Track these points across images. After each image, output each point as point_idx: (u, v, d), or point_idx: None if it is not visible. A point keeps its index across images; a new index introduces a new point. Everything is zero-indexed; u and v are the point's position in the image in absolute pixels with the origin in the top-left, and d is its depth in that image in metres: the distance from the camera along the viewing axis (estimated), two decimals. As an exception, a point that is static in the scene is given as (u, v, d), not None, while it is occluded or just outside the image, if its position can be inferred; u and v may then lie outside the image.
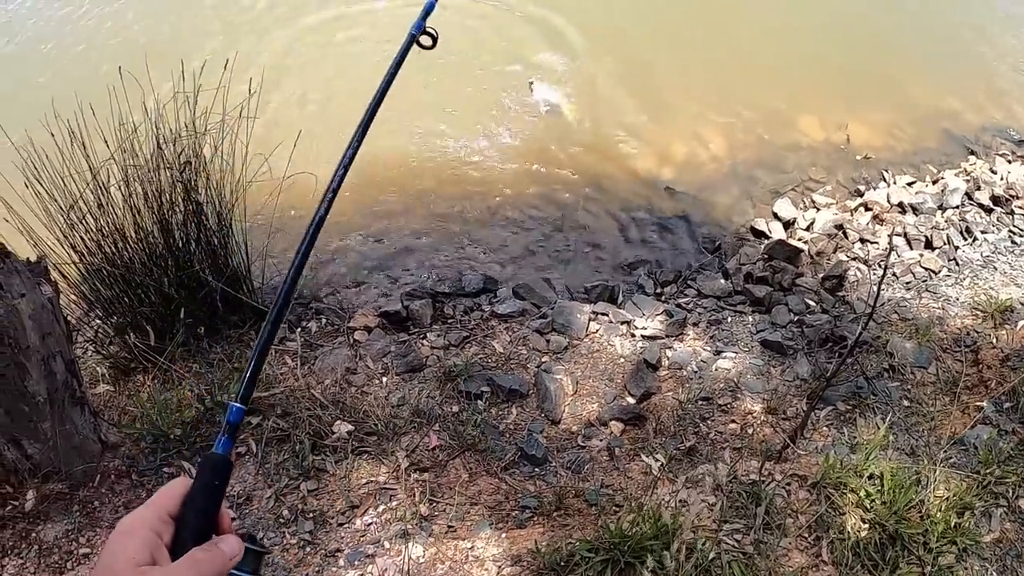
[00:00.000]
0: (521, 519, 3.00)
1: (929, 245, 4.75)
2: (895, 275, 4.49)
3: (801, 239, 4.93)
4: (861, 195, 5.36)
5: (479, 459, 3.24)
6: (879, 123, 6.02)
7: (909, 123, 6.04)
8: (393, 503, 3.01)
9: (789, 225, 5.13)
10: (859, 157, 5.72)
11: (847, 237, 4.89)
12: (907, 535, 2.91)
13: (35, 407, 2.53)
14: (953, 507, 3.00)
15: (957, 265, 4.59)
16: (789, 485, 3.15)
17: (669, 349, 3.93)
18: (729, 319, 4.22)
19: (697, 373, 3.78)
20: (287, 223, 4.37)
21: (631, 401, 3.62)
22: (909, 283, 4.44)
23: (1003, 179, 5.34)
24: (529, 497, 3.08)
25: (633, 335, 4.01)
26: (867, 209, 5.16)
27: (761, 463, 3.19)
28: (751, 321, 4.20)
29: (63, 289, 3.10)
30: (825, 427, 3.47)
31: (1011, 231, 4.87)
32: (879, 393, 3.63)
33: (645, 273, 4.74)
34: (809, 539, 2.97)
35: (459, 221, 5.04)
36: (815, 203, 5.34)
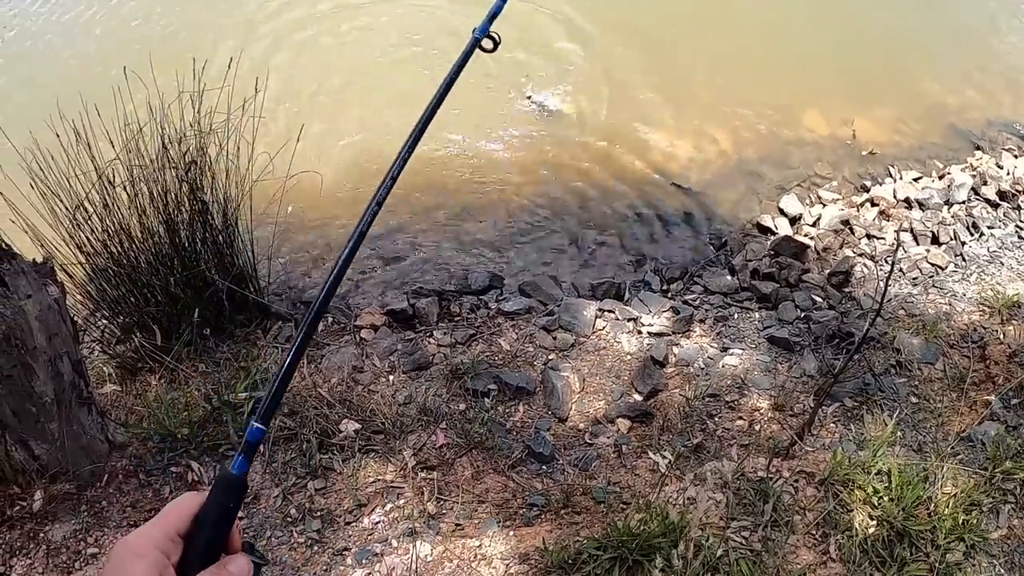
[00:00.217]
0: (529, 517, 2.99)
1: (936, 241, 4.74)
2: (902, 271, 4.48)
3: (807, 235, 4.92)
4: (867, 191, 5.34)
5: (486, 457, 3.23)
6: (885, 118, 6.00)
7: (915, 118, 6.02)
8: (400, 501, 3.01)
9: (795, 221, 5.12)
10: (865, 153, 5.70)
11: (853, 233, 4.88)
12: (915, 532, 2.90)
13: (42, 408, 2.53)
14: (961, 504, 2.99)
15: (964, 261, 4.57)
16: (797, 482, 3.14)
17: (676, 346, 3.92)
18: (736, 316, 4.22)
19: (704, 370, 3.77)
20: (293, 221, 4.37)
21: (638, 398, 3.61)
22: (916, 279, 4.43)
23: (1010, 174, 5.32)
24: (536, 495, 3.07)
25: (640, 332, 4.00)
26: (873, 205, 5.15)
27: (769, 460, 3.19)
28: (758, 317, 4.19)
29: (69, 289, 3.11)
30: (832, 423, 3.47)
31: (1018, 226, 4.85)
32: (886, 389, 3.62)
33: (651, 270, 4.73)
34: (817, 536, 2.96)
35: (465, 219, 5.04)
36: (821, 199, 5.33)
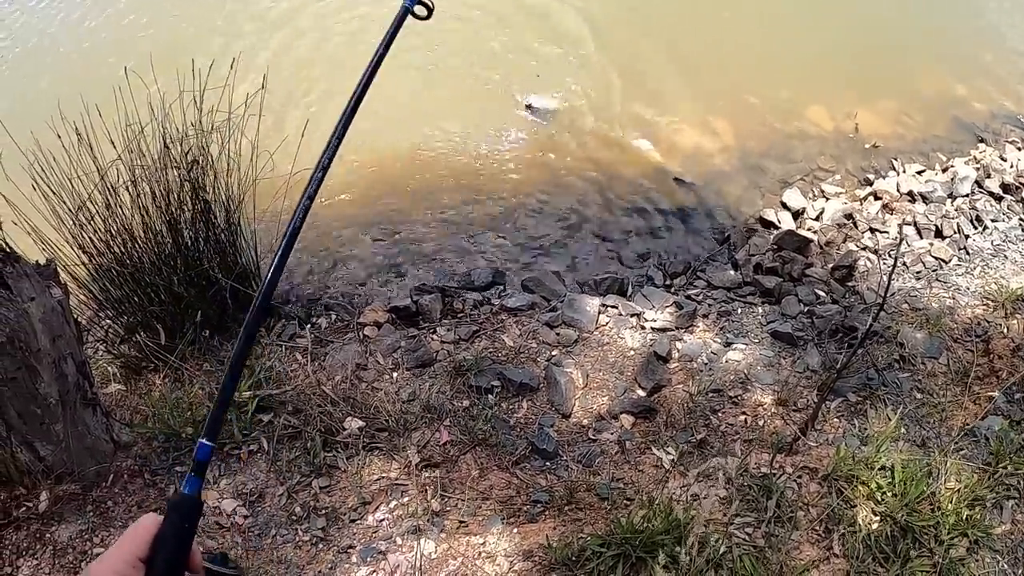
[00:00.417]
0: (532, 514, 3.00)
1: (939, 234, 4.73)
2: (905, 264, 4.46)
3: (810, 229, 4.91)
4: (870, 184, 5.33)
5: (490, 454, 3.24)
6: (888, 111, 5.98)
7: (918, 110, 6.00)
8: (405, 499, 3.02)
9: (798, 215, 5.11)
10: (868, 146, 5.68)
11: (857, 227, 4.87)
12: (918, 527, 2.91)
13: (47, 409, 2.54)
14: (964, 499, 2.99)
15: (967, 254, 4.56)
16: (800, 478, 3.14)
17: (679, 341, 3.92)
18: (739, 310, 4.21)
19: (707, 365, 3.77)
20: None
21: (641, 394, 3.61)
22: (919, 272, 4.42)
23: (1013, 167, 5.30)
24: (540, 492, 3.08)
25: (643, 327, 4.00)
26: (876, 198, 5.13)
27: (772, 456, 3.19)
28: (761, 312, 4.18)
29: (73, 290, 3.11)
30: (836, 418, 3.47)
31: (1021, 219, 4.84)
32: (890, 384, 3.62)
33: (654, 265, 4.73)
34: (820, 532, 2.97)
35: (467, 215, 5.03)
36: (824, 192, 5.32)
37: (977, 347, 3.82)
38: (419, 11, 1.24)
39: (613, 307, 4.11)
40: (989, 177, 5.17)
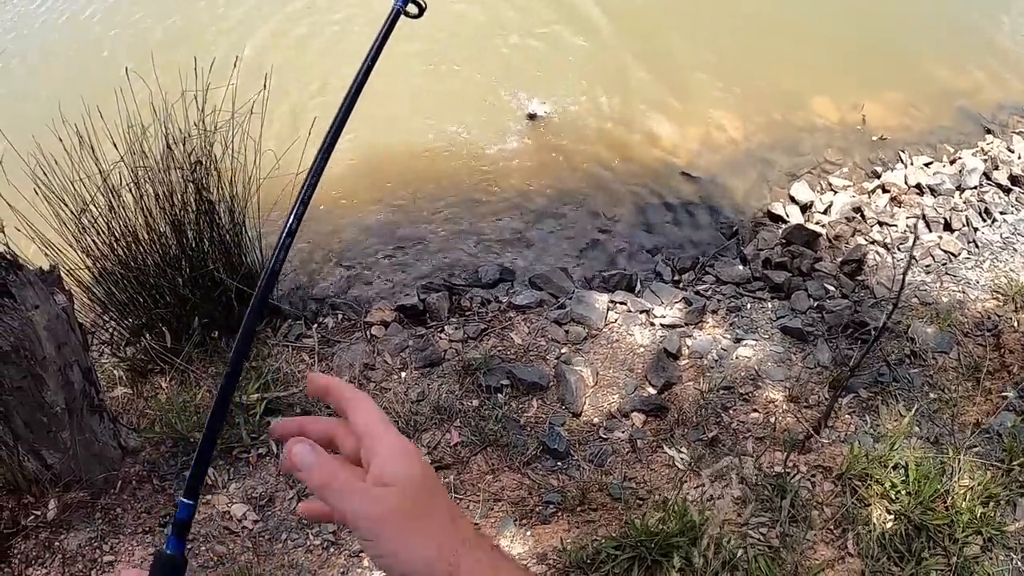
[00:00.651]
0: (545, 515, 2.98)
1: (948, 227, 4.69)
2: (915, 258, 4.43)
3: (819, 223, 4.87)
4: (878, 176, 5.28)
5: (501, 454, 3.22)
6: (895, 102, 5.93)
7: (925, 102, 5.94)
8: (416, 502, 2.99)
9: (806, 209, 5.06)
10: (875, 138, 5.63)
11: (865, 220, 4.83)
12: (932, 526, 2.89)
13: (53, 417, 2.52)
14: (978, 497, 2.98)
15: (977, 247, 4.52)
16: (814, 477, 3.12)
17: (689, 337, 3.89)
18: (748, 306, 4.18)
19: (718, 362, 3.74)
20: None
21: (652, 392, 3.59)
22: (929, 266, 4.39)
23: (1021, 158, 5.25)
24: (552, 492, 3.06)
25: (652, 324, 3.97)
26: (885, 191, 5.09)
27: (786, 455, 3.16)
28: (770, 307, 4.15)
29: (77, 293, 3.08)
30: (848, 415, 3.44)
31: (1031, 211, 4.80)
32: (901, 379, 3.60)
33: (662, 260, 4.69)
34: (835, 531, 2.95)
35: (474, 212, 4.99)
36: (832, 186, 5.27)
37: (988, 341, 3.79)
38: (411, 9, 1.20)
39: (622, 303, 4.08)
40: (997, 169, 5.12)
